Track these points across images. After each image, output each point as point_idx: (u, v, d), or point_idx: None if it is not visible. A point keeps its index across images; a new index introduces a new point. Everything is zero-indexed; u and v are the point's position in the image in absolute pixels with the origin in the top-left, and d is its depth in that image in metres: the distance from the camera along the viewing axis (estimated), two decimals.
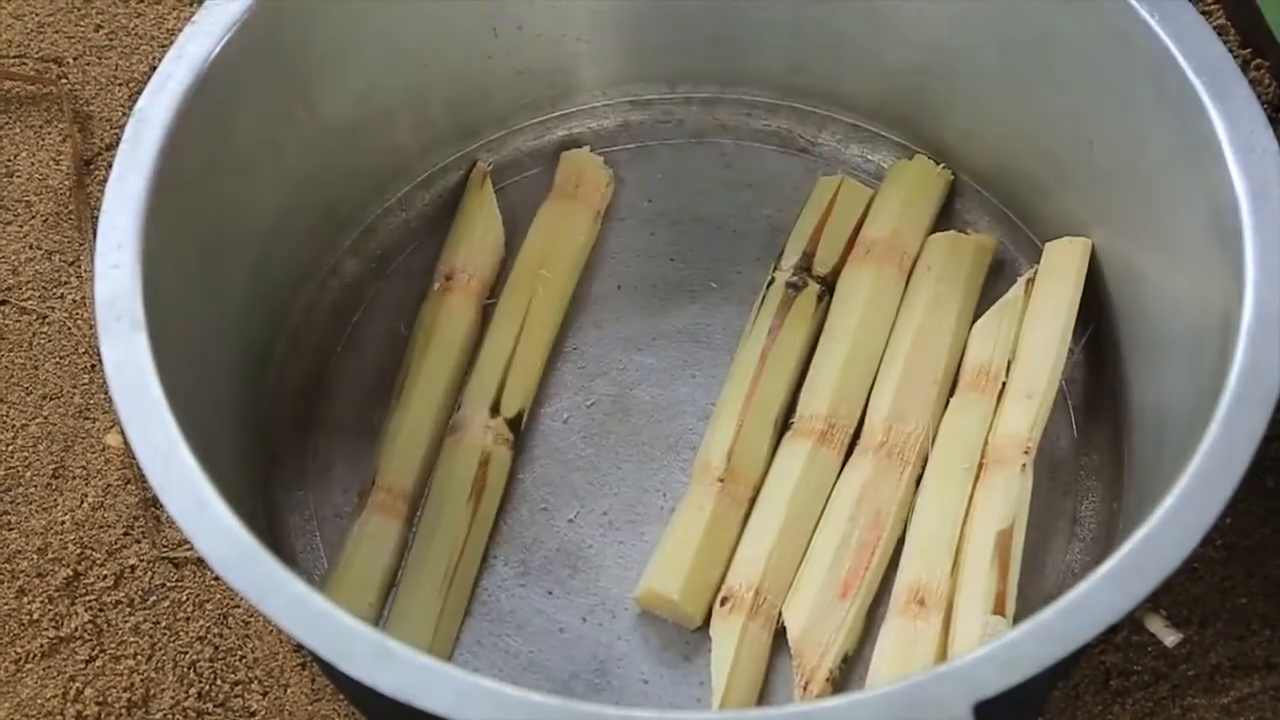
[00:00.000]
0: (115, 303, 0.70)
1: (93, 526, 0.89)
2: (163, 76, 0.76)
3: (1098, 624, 0.62)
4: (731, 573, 0.80)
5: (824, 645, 0.77)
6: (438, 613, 0.80)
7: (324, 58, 0.83)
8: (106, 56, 1.05)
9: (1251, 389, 0.66)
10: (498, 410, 0.85)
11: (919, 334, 0.85)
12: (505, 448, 0.85)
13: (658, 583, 0.79)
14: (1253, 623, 0.84)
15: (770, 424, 0.84)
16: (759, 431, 0.83)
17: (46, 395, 0.93)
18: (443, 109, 0.90)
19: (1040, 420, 0.82)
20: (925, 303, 0.86)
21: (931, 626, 0.77)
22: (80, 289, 0.97)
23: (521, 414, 0.86)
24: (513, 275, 0.89)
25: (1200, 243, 0.74)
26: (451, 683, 0.61)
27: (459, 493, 0.82)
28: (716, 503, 0.81)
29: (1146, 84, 0.76)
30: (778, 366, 0.85)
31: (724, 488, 0.82)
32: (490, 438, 0.84)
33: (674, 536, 0.81)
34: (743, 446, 0.83)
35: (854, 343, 0.85)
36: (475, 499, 0.82)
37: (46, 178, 1.01)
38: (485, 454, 0.84)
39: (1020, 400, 0.82)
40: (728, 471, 0.82)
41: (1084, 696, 0.82)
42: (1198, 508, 0.64)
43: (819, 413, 0.83)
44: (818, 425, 0.83)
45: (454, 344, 0.87)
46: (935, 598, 0.78)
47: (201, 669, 0.85)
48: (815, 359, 0.86)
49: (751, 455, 0.83)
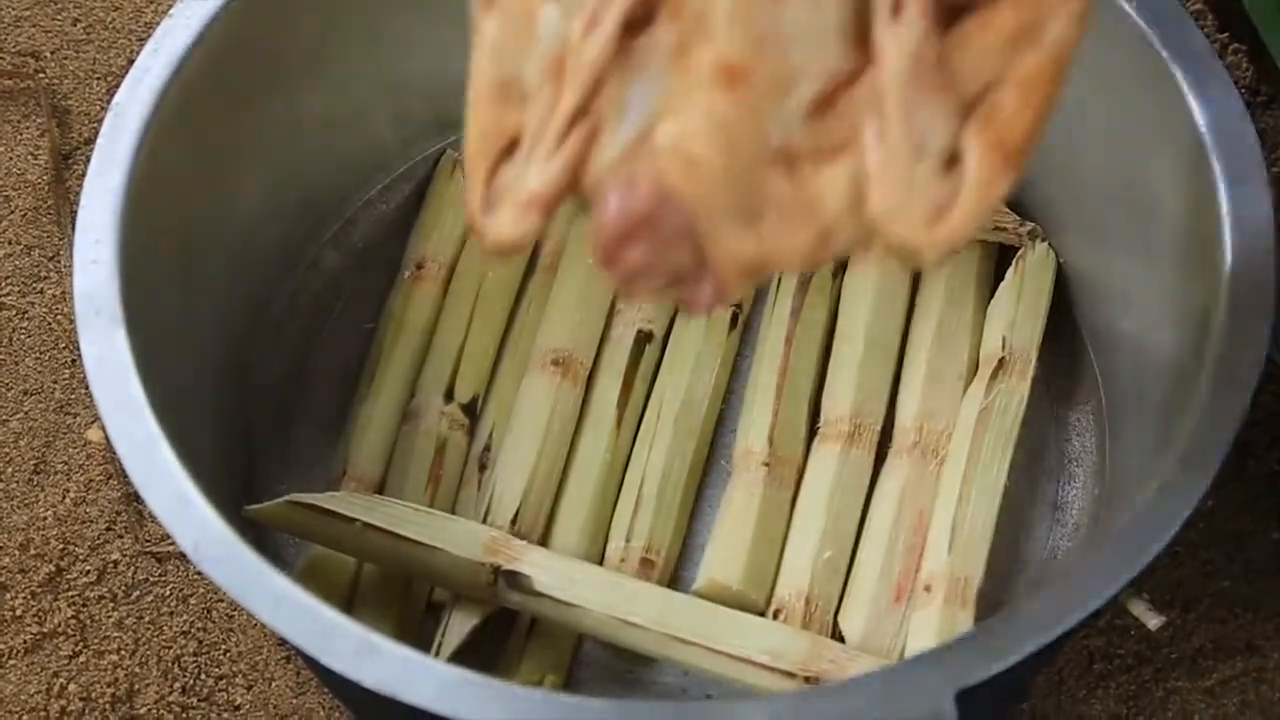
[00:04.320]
0: (94, 298, 0.70)
1: (75, 522, 0.89)
2: (140, 70, 0.75)
3: (1080, 611, 0.62)
4: (780, 582, 0.80)
5: (884, 651, 0.77)
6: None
7: (302, 51, 0.83)
8: (84, 50, 1.05)
9: (1231, 375, 0.67)
10: (451, 396, 0.85)
11: (940, 331, 0.85)
12: (461, 433, 0.84)
13: (719, 573, 0.79)
14: (1235, 606, 0.84)
15: (805, 404, 0.84)
16: (795, 414, 0.84)
17: (27, 391, 0.93)
18: (421, 102, 0.90)
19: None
20: (941, 298, 0.86)
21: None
22: (60, 284, 0.96)
23: (476, 399, 0.86)
24: (462, 263, 0.89)
25: (1178, 229, 0.74)
26: (434, 676, 0.61)
27: (417, 480, 0.83)
28: (765, 488, 0.81)
29: (1124, 69, 0.76)
30: (804, 347, 0.85)
31: (770, 472, 0.81)
32: (445, 424, 0.84)
33: (728, 525, 0.81)
34: (782, 430, 0.83)
35: (867, 340, 0.85)
36: (433, 486, 0.82)
37: (25, 172, 1.00)
38: (441, 440, 0.84)
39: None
40: (771, 456, 0.82)
41: (1067, 681, 0.83)
42: (1180, 493, 0.64)
43: (843, 414, 0.83)
44: (843, 428, 0.83)
45: (421, 333, 0.87)
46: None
47: (185, 663, 0.85)
48: (830, 362, 0.86)
49: (791, 438, 0.83)
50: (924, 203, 0.53)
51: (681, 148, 0.53)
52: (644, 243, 0.53)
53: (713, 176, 0.53)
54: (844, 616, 0.78)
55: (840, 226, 0.55)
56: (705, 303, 0.55)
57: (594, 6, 0.55)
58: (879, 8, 0.54)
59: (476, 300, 0.88)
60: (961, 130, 0.54)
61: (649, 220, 0.53)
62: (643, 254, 0.53)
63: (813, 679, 0.72)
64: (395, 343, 0.87)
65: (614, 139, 0.55)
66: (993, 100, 0.54)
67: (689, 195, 0.53)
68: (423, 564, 0.76)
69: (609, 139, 0.55)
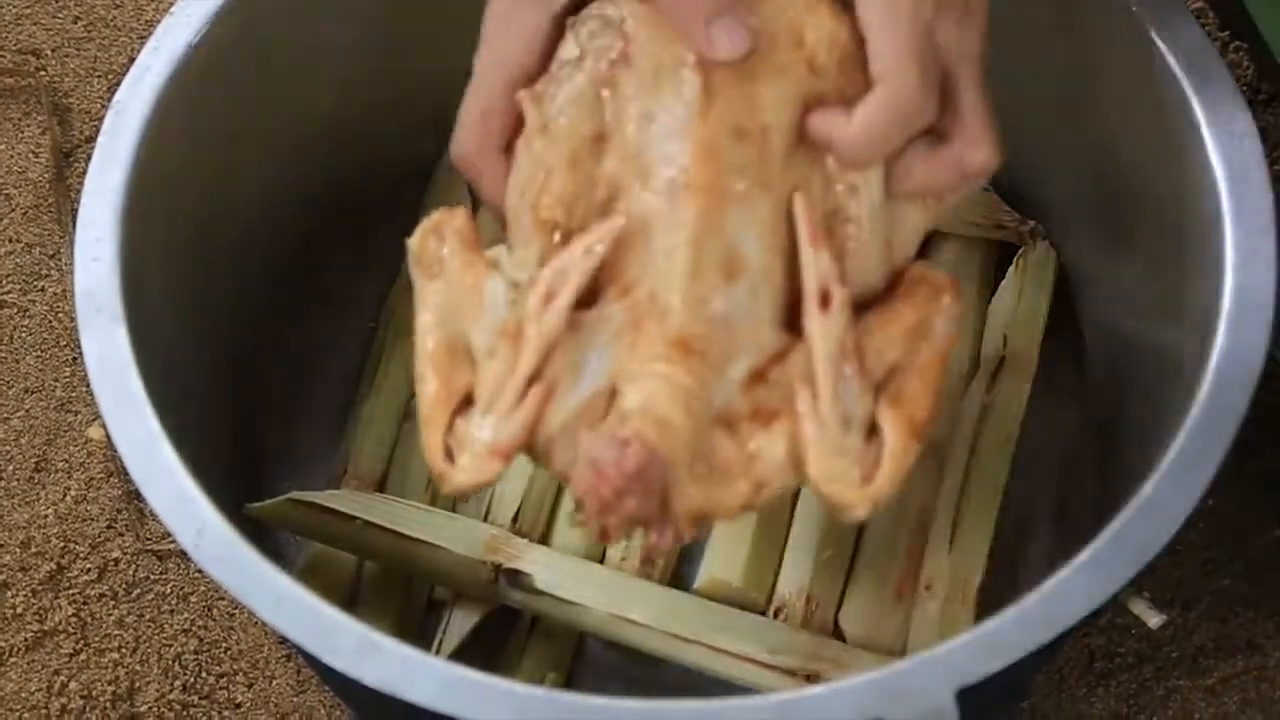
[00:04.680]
0: (95, 295, 0.70)
1: (76, 520, 0.89)
2: (141, 68, 0.75)
3: (1080, 610, 0.62)
4: (780, 581, 0.80)
5: (885, 650, 0.77)
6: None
7: (305, 48, 0.83)
8: (85, 48, 1.05)
9: (1232, 373, 0.67)
10: None
11: None
12: None
13: (720, 571, 0.79)
14: (1235, 604, 0.84)
15: None
16: None
17: (28, 389, 0.93)
18: (423, 100, 0.90)
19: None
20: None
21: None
22: (61, 282, 0.96)
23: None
24: None
25: (1179, 227, 0.74)
26: (436, 674, 0.61)
27: (418, 479, 0.83)
28: None
29: (1125, 68, 0.76)
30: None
31: None
32: None
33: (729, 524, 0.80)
34: None
35: None
36: (434, 484, 0.82)
37: (25, 170, 1.00)
38: None
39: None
40: None
41: (1068, 679, 0.83)
42: (1180, 491, 0.64)
43: None
44: None
45: None
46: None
47: (186, 661, 0.85)
48: None
49: None
50: (854, 468, 0.63)
51: (651, 411, 0.61)
52: (637, 495, 0.60)
53: (679, 437, 0.61)
54: (845, 615, 0.78)
55: (772, 480, 0.63)
56: (666, 545, 0.62)
57: (549, 283, 0.64)
58: (808, 300, 0.64)
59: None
60: (876, 406, 0.64)
61: (640, 474, 0.60)
62: (637, 505, 0.60)
63: (813, 677, 0.72)
64: (396, 341, 0.87)
65: (567, 400, 0.63)
66: (899, 383, 0.65)
67: (666, 453, 0.61)
68: (424, 562, 0.76)
69: (562, 400, 0.63)
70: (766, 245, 0.64)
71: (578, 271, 0.64)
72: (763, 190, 0.64)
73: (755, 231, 0.64)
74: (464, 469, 0.63)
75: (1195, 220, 0.73)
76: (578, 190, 0.65)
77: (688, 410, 0.62)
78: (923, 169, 0.66)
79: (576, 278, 0.63)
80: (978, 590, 0.78)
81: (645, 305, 0.63)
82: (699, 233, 0.63)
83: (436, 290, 0.66)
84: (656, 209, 0.64)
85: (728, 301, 0.63)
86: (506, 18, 0.67)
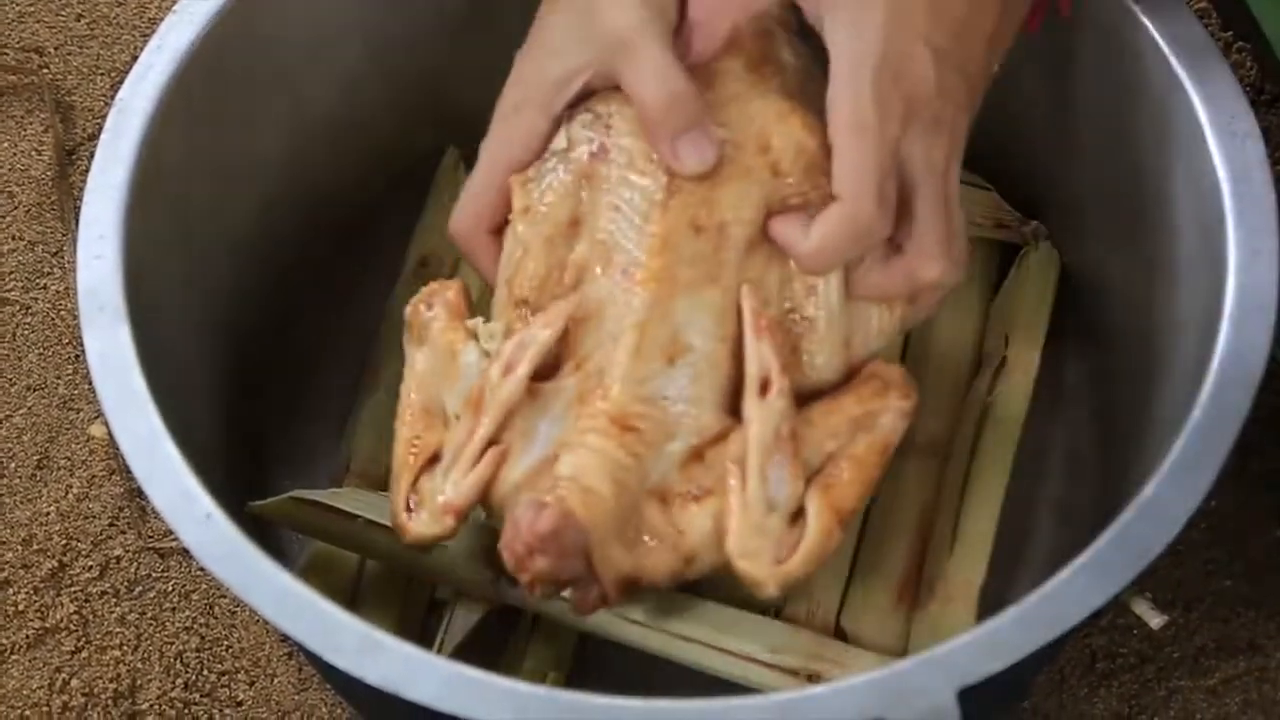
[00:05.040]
0: (98, 293, 0.70)
1: (78, 517, 0.89)
2: (144, 66, 0.75)
3: (1082, 610, 0.62)
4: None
5: (887, 650, 0.77)
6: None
7: (306, 46, 0.83)
8: (88, 46, 1.05)
9: (1234, 373, 0.67)
10: None
11: (942, 329, 0.85)
12: None
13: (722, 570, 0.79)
14: (1237, 605, 0.84)
15: None
16: None
17: (30, 386, 0.93)
18: (428, 98, 0.90)
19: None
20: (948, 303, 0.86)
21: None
22: (63, 279, 0.96)
23: None
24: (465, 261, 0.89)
25: (1182, 227, 0.74)
26: (437, 673, 0.61)
27: None
28: None
29: (1128, 69, 0.76)
30: None
31: None
32: None
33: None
34: None
35: None
36: None
37: (28, 168, 1.00)
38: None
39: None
40: None
41: (1070, 679, 0.83)
42: (1182, 492, 0.64)
43: None
44: None
45: None
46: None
47: (188, 659, 0.85)
48: None
49: None
50: (770, 548, 0.67)
51: (579, 480, 0.66)
52: (548, 555, 0.65)
53: (603, 506, 0.66)
54: (846, 615, 0.78)
55: (701, 554, 0.68)
56: (592, 605, 0.68)
57: (510, 355, 0.69)
58: (749, 386, 0.68)
59: (478, 298, 0.88)
60: (806, 491, 0.68)
61: (554, 536, 0.65)
62: (547, 563, 0.65)
63: (814, 677, 0.72)
64: (398, 340, 0.86)
65: (519, 465, 0.68)
66: (831, 471, 0.69)
67: (584, 519, 0.65)
68: (425, 561, 0.76)
69: (515, 464, 0.68)
70: (713, 333, 0.68)
71: (536, 345, 0.69)
72: (713, 282, 0.68)
73: (702, 320, 0.68)
74: (421, 522, 0.69)
75: (1198, 221, 0.73)
76: (549, 271, 0.70)
77: (615, 481, 0.66)
78: (878, 276, 0.70)
79: (534, 351, 0.69)
80: (979, 590, 0.78)
81: (592, 381, 0.68)
82: (645, 318, 0.68)
83: (421, 355, 0.73)
84: (611, 293, 0.69)
85: (667, 384, 0.68)
86: (508, 118, 0.72)
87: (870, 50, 0.66)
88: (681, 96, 0.68)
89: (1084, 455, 0.85)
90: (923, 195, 0.68)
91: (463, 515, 0.69)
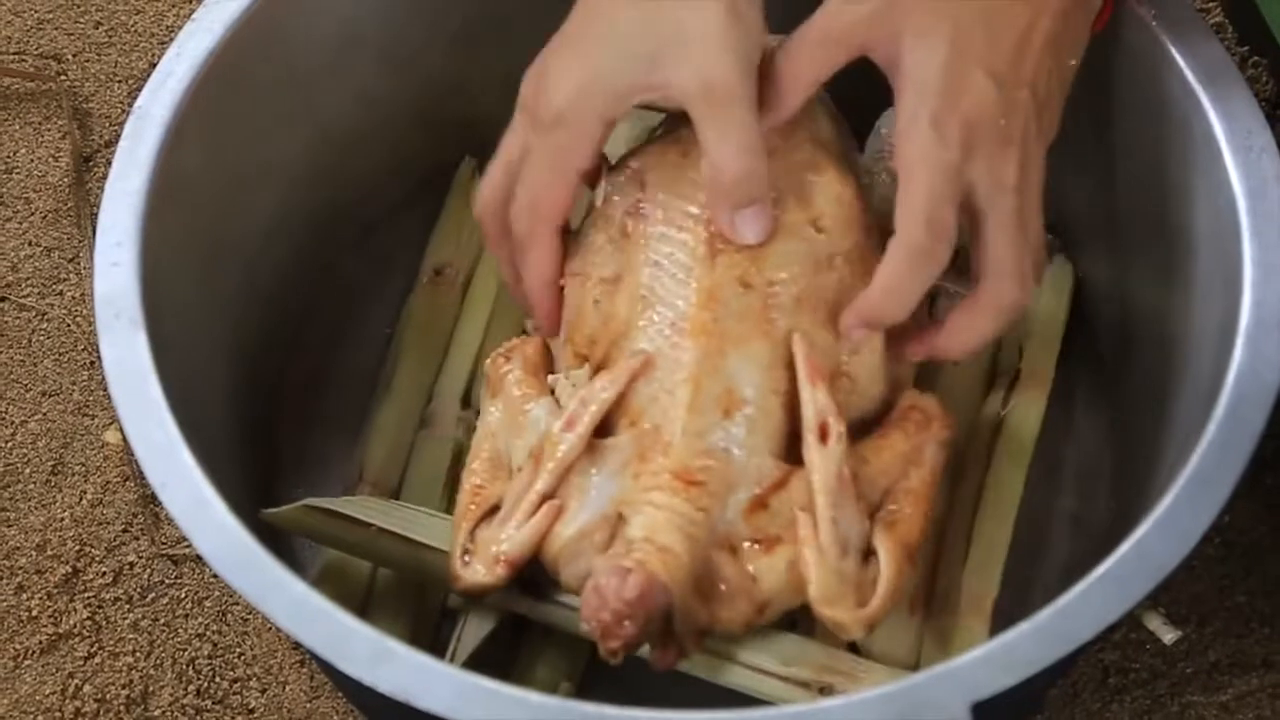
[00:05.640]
0: (115, 300, 0.70)
1: (92, 523, 0.89)
2: (163, 74, 0.76)
3: (1095, 625, 0.62)
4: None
5: (900, 663, 0.76)
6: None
7: (323, 55, 0.83)
8: (106, 53, 1.05)
9: (1250, 389, 0.66)
10: (468, 402, 0.85)
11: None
12: None
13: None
14: (1251, 620, 0.84)
15: None
16: None
17: (46, 392, 0.93)
18: (441, 108, 0.90)
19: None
20: None
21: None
22: (79, 286, 0.97)
23: None
24: (481, 267, 0.89)
25: (1197, 242, 0.74)
26: (450, 682, 0.61)
27: (433, 486, 0.83)
28: None
29: (1144, 84, 0.76)
30: None
31: None
32: (462, 430, 0.84)
33: None
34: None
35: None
36: (449, 491, 0.82)
37: (46, 174, 1.01)
38: (457, 446, 0.84)
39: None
40: None
41: (1082, 694, 0.82)
42: (1196, 507, 0.64)
43: None
44: None
45: (439, 338, 0.87)
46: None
47: (200, 666, 0.85)
48: None
49: None
50: (852, 592, 0.68)
51: (653, 540, 0.66)
52: (637, 621, 0.65)
53: (680, 564, 0.66)
54: None
55: (775, 600, 0.69)
56: (673, 660, 0.68)
57: (573, 412, 0.70)
58: (807, 433, 0.69)
59: (494, 306, 0.88)
60: (872, 531, 0.69)
61: (640, 601, 0.65)
62: (635, 628, 0.65)
63: (827, 690, 0.72)
64: (412, 348, 0.87)
65: (574, 520, 0.69)
66: (891, 508, 0.70)
67: (667, 580, 0.66)
68: (438, 570, 0.76)
69: (570, 520, 0.69)
70: (764, 385, 0.69)
71: (597, 403, 0.70)
72: (763, 336, 0.70)
73: (753, 373, 0.69)
74: (474, 572, 0.70)
75: (1213, 235, 0.73)
76: (599, 328, 0.72)
77: (688, 537, 0.67)
78: (965, 317, 0.69)
79: (595, 409, 0.69)
80: (992, 603, 0.78)
81: (650, 437, 0.69)
82: (698, 373, 0.69)
83: (494, 407, 0.74)
84: (660, 349, 0.70)
85: (726, 436, 0.69)
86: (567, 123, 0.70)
87: (928, 84, 0.66)
88: (757, 172, 0.68)
89: (1098, 469, 0.84)
90: (993, 216, 0.67)
91: (515, 567, 0.69)
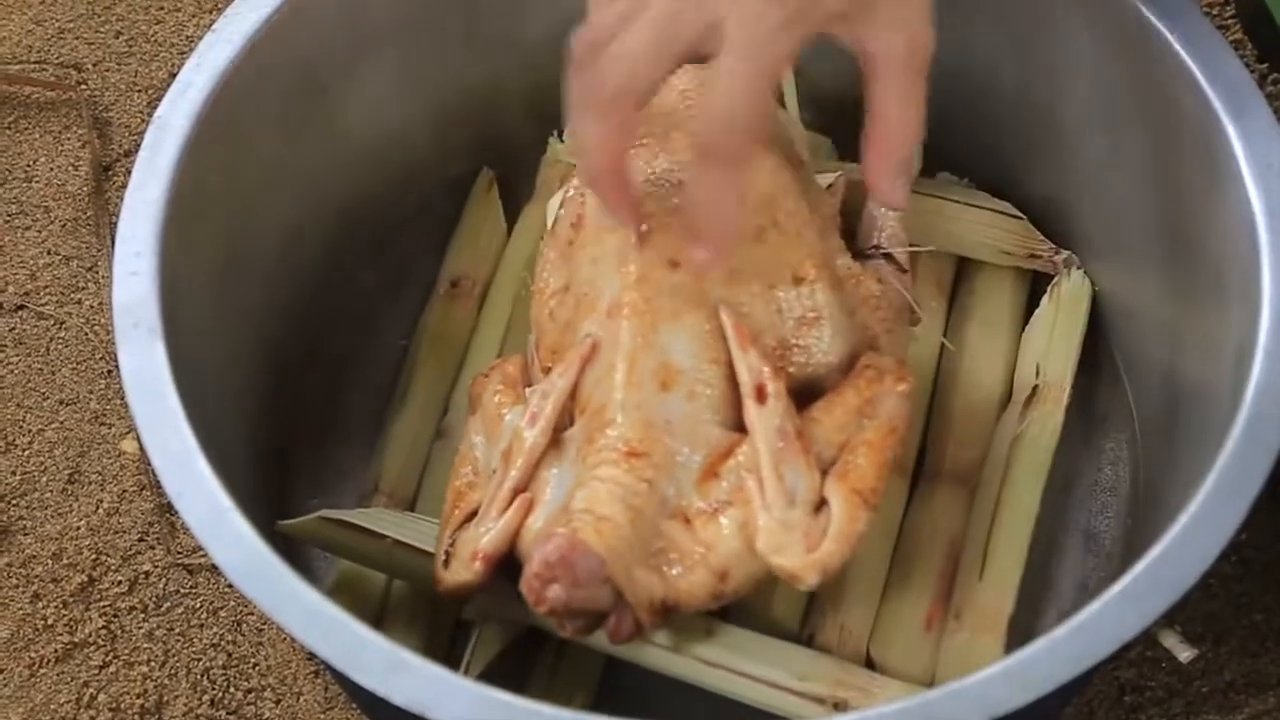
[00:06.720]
0: (133, 310, 0.70)
1: (108, 532, 0.89)
2: (183, 84, 0.76)
3: (1111, 643, 0.61)
4: (812, 608, 0.79)
5: (915, 679, 0.76)
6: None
7: (342, 67, 0.83)
8: (126, 63, 1.06)
9: (1267, 406, 0.66)
10: None
11: (973, 357, 0.85)
12: None
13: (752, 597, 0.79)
14: (1267, 639, 0.84)
15: None
16: None
17: (63, 400, 0.94)
18: (459, 119, 0.90)
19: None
20: (975, 325, 0.86)
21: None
22: (98, 294, 0.97)
23: None
24: (498, 278, 0.89)
25: (1216, 259, 0.74)
26: (464, 694, 0.61)
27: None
28: None
29: (1162, 99, 0.76)
30: None
31: None
32: None
33: None
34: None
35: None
36: None
37: (65, 183, 1.01)
38: None
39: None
40: None
41: (1098, 712, 0.82)
42: (1213, 525, 0.64)
43: None
44: None
45: (455, 350, 0.87)
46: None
47: (215, 676, 0.85)
48: None
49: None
50: (799, 539, 0.68)
51: (592, 510, 0.67)
52: (562, 583, 0.65)
53: (617, 531, 0.67)
54: (875, 643, 0.78)
55: (734, 566, 0.68)
56: (626, 634, 0.68)
57: (534, 406, 0.72)
58: (745, 395, 0.70)
59: (510, 318, 0.88)
60: (824, 483, 0.69)
61: (563, 564, 0.65)
62: (561, 591, 0.65)
63: (841, 705, 0.72)
64: (429, 359, 0.87)
65: (543, 510, 0.70)
66: (845, 459, 0.70)
67: (597, 545, 0.66)
68: None
69: (540, 512, 0.70)
70: (701, 355, 0.70)
71: (555, 393, 0.71)
72: (695, 309, 0.71)
73: (687, 343, 0.70)
74: (453, 571, 0.71)
75: (1232, 253, 0.72)
76: (558, 338, 0.74)
77: (628, 507, 0.68)
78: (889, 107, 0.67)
79: (554, 398, 0.71)
80: (1009, 620, 0.78)
81: (597, 418, 0.70)
82: (632, 349, 0.70)
83: (476, 421, 0.76)
84: (602, 334, 0.71)
85: (665, 408, 0.69)
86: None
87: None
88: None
89: (1115, 486, 0.84)
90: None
91: (492, 562, 0.70)
